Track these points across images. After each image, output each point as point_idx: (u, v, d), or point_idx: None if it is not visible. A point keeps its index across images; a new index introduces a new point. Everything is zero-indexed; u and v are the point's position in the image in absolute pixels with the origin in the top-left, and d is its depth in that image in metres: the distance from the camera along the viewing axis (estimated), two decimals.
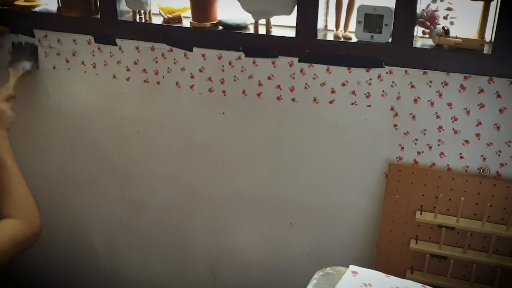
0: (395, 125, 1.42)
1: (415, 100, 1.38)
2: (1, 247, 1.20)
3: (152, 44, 1.56)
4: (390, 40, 1.33)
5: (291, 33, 1.42)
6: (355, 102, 1.43)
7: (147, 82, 1.62)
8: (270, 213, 1.64)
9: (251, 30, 1.46)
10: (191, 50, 1.53)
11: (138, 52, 1.59)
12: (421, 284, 1.13)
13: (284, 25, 1.47)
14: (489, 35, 1.30)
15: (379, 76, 1.39)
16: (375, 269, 1.21)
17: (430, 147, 1.41)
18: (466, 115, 1.35)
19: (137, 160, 1.74)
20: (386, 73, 1.38)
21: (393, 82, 1.38)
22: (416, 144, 1.42)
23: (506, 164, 1.36)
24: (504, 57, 1.25)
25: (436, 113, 1.38)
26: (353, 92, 1.42)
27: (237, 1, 1.42)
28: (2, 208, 1.33)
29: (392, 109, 1.41)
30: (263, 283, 1.75)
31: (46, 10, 1.65)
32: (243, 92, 1.53)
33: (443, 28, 1.29)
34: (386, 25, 1.32)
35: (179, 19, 1.53)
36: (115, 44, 1.60)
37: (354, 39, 1.37)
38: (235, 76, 1.52)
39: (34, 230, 1.32)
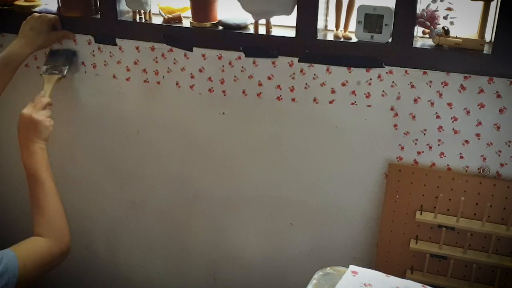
0: (395, 125, 1.42)
1: (415, 100, 1.38)
2: (24, 270, 1.17)
3: (152, 44, 1.56)
4: (390, 40, 1.33)
5: (291, 33, 1.42)
6: (355, 102, 1.43)
7: (147, 82, 1.62)
8: (270, 213, 1.64)
9: (251, 30, 1.46)
10: (191, 50, 1.53)
11: (138, 52, 1.59)
12: (421, 284, 1.13)
13: (284, 25, 1.47)
14: (489, 35, 1.30)
15: (379, 76, 1.39)
16: (375, 269, 1.21)
17: (430, 147, 1.41)
18: (466, 115, 1.35)
19: (137, 160, 1.74)
20: (386, 73, 1.38)
21: (393, 82, 1.38)
22: (416, 144, 1.42)
23: (506, 164, 1.36)
24: (504, 57, 1.25)
25: (436, 113, 1.37)
26: (353, 92, 1.42)
27: (237, 1, 1.42)
28: (33, 223, 1.31)
29: (392, 109, 1.41)
30: (263, 283, 1.75)
31: (46, 10, 1.64)
32: (243, 92, 1.53)
33: (443, 28, 1.29)
34: (386, 25, 1.31)
35: (179, 19, 1.53)
36: (115, 44, 1.60)
37: (354, 39, 1.37)
38: (235, 76, 1.52)
39: (62, 250, 1.30)
